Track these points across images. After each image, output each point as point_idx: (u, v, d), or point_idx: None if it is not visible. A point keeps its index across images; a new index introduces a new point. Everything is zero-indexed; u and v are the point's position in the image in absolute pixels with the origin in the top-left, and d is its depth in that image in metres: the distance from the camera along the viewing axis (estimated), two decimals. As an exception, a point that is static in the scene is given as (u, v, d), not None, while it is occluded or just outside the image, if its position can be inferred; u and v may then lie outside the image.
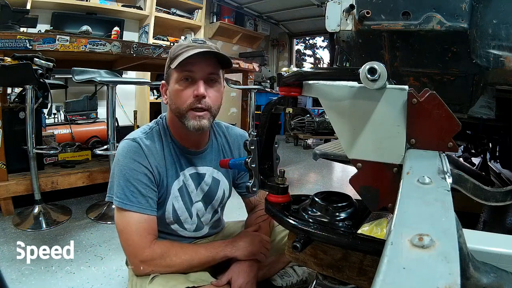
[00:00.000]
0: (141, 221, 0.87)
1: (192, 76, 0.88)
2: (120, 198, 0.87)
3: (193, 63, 0.86)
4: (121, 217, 0.88)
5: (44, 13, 3.26)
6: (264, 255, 0.95)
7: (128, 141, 0.92)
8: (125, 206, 0.86)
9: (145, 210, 0.88)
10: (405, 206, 0.31)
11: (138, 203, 0.87)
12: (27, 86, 1.72)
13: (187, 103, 0.88)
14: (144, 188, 0.88)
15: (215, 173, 1.03)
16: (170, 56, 0.91)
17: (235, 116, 5.03)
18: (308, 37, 7.60)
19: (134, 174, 0.88)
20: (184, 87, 0.88)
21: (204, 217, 1.04)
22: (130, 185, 0.87)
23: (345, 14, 0.97)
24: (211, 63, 0.89)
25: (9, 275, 1.24)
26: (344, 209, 0.68)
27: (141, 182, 0.88)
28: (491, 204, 0.57)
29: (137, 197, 0.87)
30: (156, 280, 0.86)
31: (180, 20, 4.40)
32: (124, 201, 0.87)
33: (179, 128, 0.95)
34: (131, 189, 0.87)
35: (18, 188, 1.83)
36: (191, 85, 0.88)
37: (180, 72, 0.87)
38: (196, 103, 0.88)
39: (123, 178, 0.88)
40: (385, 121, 0.54)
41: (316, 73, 0.64)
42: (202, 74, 0.88)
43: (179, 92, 0.88)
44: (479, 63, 0.85)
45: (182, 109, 0.89)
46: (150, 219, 0.89)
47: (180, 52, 0.87)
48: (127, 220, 0.87)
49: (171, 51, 0.92)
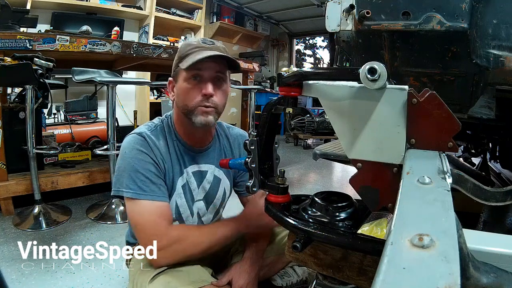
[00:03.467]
0: (156, 209, 0.88)
1: (200, 75, 0.90)
2: (132, 189, 0.87)
3: (202, 63, 0.88)
4: (135, 207, 0.88)
5: (44, 13, 3.26)
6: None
7: (134, 135, 0.93)
8: (138, 196, 0.87)
9: (159, 197, 0.89)
10: (405, 206, 0.31)
11: (150, 191, 0.88)
12: (27, 86, 1.72)
13: (195, 100, 0.90)
14: (154, 177, 0.90)
15: (216, 171, 1.04)
16: (179, 55, 0.93)
17: (235, 116, 5.03)
18: (308, 37, 7.60)
19: (142, 164, 0.89)
20: (192, 86, 0.90)
21: (205, 217, 1.05)
22: (140, 175, 0.88)
23: (345, 14, 0.97)
24: (220, 63, 0.91)
25: (9, 275, 1.24)
26: (344, 209, 0.68)
27: (150, 172, 0.89)
28: (491, 204, 0.57)
29: (149, 186, 0.88)
30: (157, 280, 0.85)
31: (180, 20, 4.40)
32: (137, 192, 0.87)
33: (185, 125, 0.96)
34: (141, 179, 0.88)
35: (18, 188, 1.83)
36: (200, 83, 0.90)
37: (189, 71, 0.89)
38: (204, 101, 0.90)
39: (133, 169, 0.88)
40: (385, 121, 0.53)
41: (316, 73, 0.64)
42: (210, 74, 0.90)
43: (188, 90, 0.90)
44: (479, 63, 0.85)
45: (190, 106, 0.90)
46: (163, 205, 0.89)
47: (190, 52, 0.89)
48: (141, 210, 0.87)
49: (180, 49, 0.94)
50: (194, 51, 0.89)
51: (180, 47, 0.95)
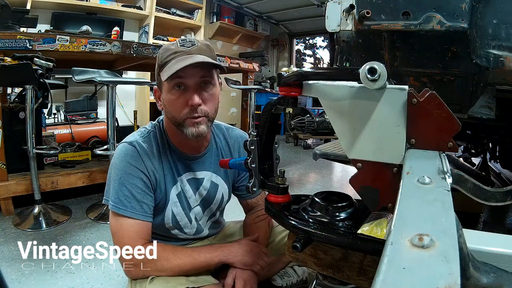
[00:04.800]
0: (133, 225, 0.86)
1: (184, 83, 0.84)
2: (115, 202, 0.87)
3: (184, 69, 0.80)
4: (115, 221, 0.88)
5: (44, 13, 3.26)
6: (261, 266, 0.94)
7: (125, 145, 0.90)
8: (118, 210, 0.86)
9: (138, 215, 0.87)
10: (405, 206, 0.31)
11: (131, 208, 0.86)
12: (27, 86, 1.72)
13: (183, 112, 0.85)
14: (139, 193, 0.88)
15: (213, 177, 1.02)
16: (158, 63, 0.87)
17: (235, 116, 5.03)
18: (308, 37, 7.59)
19: (129, 178, 0.87)
20: (177, 96, 0.84)
21: (202, 220, 1.04)
22: (125, 189, 0.86)
23: (345, 14, 0.97)
24: (203, 67, 0.84)
25: (9, 275, 1.24)
26: (344, 209, 0.68)
27: (136, 187, 0.87)
28: (491, 204, 0.57)
29: (131, 202, 0.86)
30: (156, 280, 0.85)
31: (180, 20, 4.40)
32: (118, 205, 0.86)
33: (177, 134, 0.93)
34: (125, 194, 0.86)
35: (18, 188, 1.83)
36: (184, 92, 0.84)
37: (170, 80, 0.83)
38: (192, 112, 0.84)
39: (118, 182, 0.87)
40: (385, 121, 0.53)
41: (316, 73, 0.64)
42: (194, 80, 0.84)
43: (173, 102, 0.85)
44: (479, 63, 0.85)
45: (179, 119, 0.86)
46: (142, 224, 0.88)
47: (168, 60, 0.83)
48: (120, 224, 0.87)
49: (158, 56, 0.87)
50: (172, 57, 0.83)
51: (159, 52, 0.87)
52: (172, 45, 0.87)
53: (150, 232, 0.91)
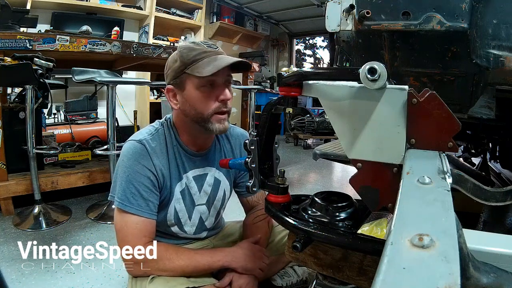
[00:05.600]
0: (138, 223, 0.87)
1: (215, 80, 0.88)
2: (121, 199, 0.87)
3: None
4: (120, 217, 0.88)
5: (44, 13, 3.26)
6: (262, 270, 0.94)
7: (133, 142, 0.91)
8: (124, 207, 0.87)
9: (144, 213, 0.88)
10: (405, 206, 0.31)
11: (137, 206, 0.87)
12: (27, 86, 1.72)
13: (212, 107, 0.88)
14: (146, 191, 0.88)
15: (216, 173, 1.03)
16: (183, 61, 0.87)
17: (235, 116, 5.02)
18: (308, 37, 7.60)
19: (137, 176, 0.88)
20: (207, 93, 0.88)
21: (208, 220, 1.04)
22: (132, 187, 0.87)
23: (345, 14, 0.97)
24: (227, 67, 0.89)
25: (9, 275, 1.24)
26: (344, 209, 0.68)
27: (143, 185, 0.88)
28: (491, 204, 0.57)
29: (137, 200, 0.87)
30: (156, 279, 0.86)
31: (180, 20, 4.40)
32: (124, 203, 0.87)
33: (191, 132, 0.95)
34: (132, 191, 0.87)
35: (18, 188, 1.83)
36: (213, 89, 0.88)
37: (203, 78, 0.86)
38: (222, 107, 0.89)
39: (126, 180, 0.88)
40: (385, 121, 0.54)
41: (316, 73, 0.64)
42: (223, 78, 0.89)
43: (203, 98, 0.88)
44: (479, 63, 0.85)
45: (207, 114, 0.88)
46: (147, 222, 0.88)
47: (199, 58, 0.86)
48: (125, 221, 0.87)
49: (183, 55, 0.87)
50: (203, 56, 0.86)
51: (181, 52, 0.88)
52: (195, 45, 0.89)
53: (154, 230, 0.91)
